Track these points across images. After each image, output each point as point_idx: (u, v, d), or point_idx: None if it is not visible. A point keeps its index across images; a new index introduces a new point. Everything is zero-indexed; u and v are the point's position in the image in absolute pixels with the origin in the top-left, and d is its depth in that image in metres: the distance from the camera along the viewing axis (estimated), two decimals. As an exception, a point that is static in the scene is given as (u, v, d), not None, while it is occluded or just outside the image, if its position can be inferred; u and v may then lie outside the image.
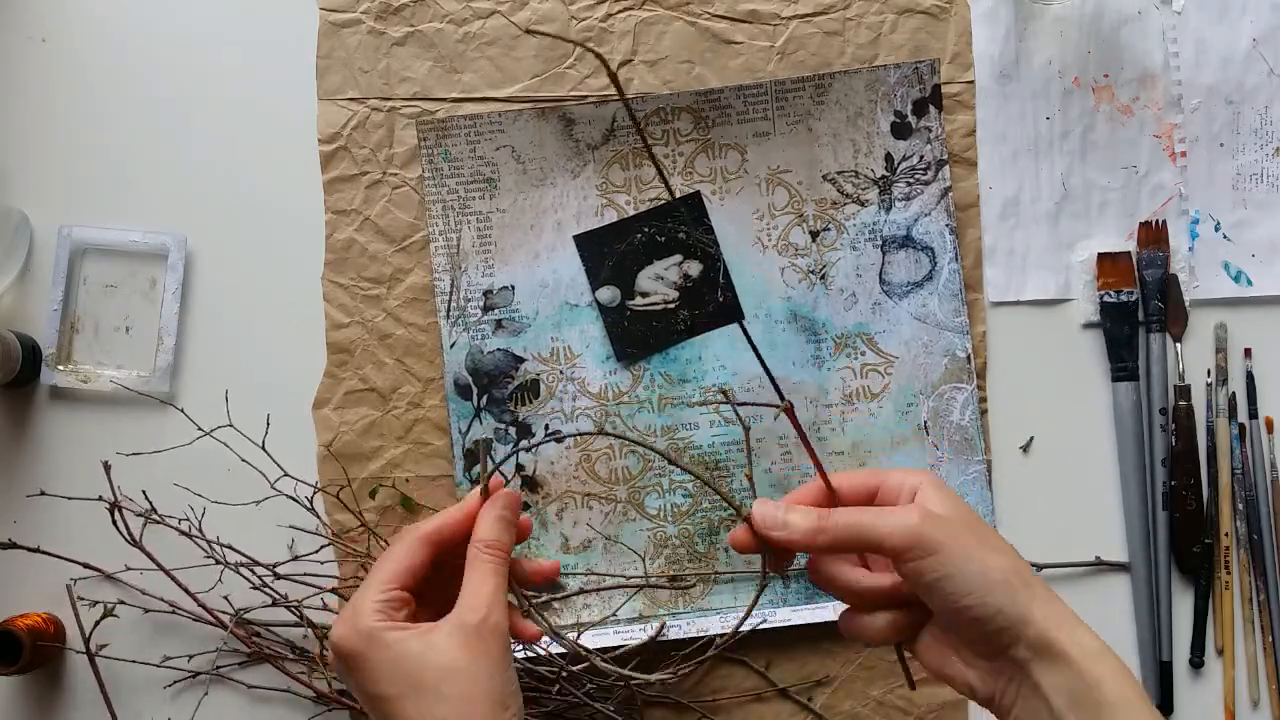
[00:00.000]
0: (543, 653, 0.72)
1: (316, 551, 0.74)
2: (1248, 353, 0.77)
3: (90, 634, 0.73)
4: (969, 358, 0.76)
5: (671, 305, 0.77)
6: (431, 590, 0.53)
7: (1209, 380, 0.77)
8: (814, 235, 0.77)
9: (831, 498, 0.53)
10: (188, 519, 0.75)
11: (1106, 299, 0.76)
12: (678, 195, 0.77)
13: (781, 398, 0.54)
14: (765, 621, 0.75)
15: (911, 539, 0.48)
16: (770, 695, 0.76)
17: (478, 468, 0.74)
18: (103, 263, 0.78)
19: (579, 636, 0.74)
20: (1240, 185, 0.77)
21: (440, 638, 0.49)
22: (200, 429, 0.75)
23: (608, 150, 0.77)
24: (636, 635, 0.74)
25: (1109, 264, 0.76)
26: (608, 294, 0.76)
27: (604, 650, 0.73)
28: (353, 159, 0.77)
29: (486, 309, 0.77)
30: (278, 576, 0.73)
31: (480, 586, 0.51)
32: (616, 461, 0.76)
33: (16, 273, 0.77)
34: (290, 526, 0.75)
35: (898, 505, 0.51)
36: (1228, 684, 0.75)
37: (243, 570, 0.73)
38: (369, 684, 0.49)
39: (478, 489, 0.53)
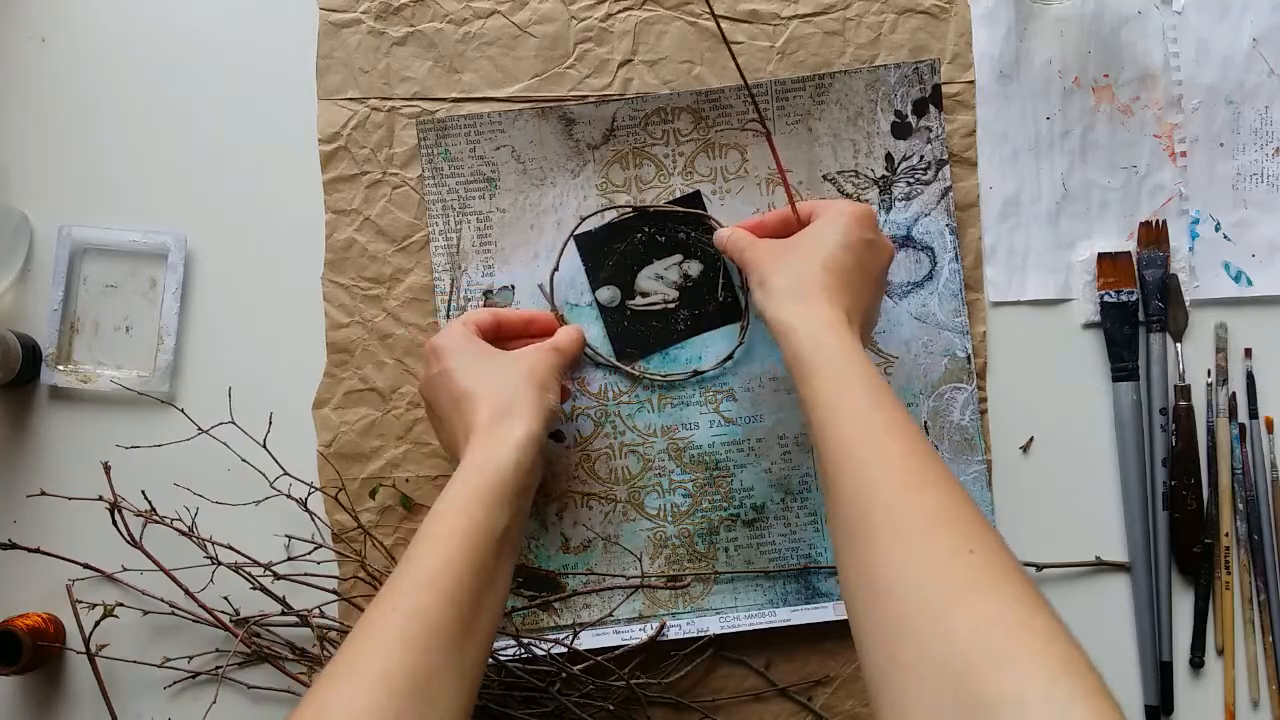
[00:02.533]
0: (542, 652, 0.72)
1: (311, 552, 0.74)
2: (1248, 353, 0.77)
3: (90, 634, 0.73)
4: (969, 358, 0.76)
5: (671, 305, 0.77)
6: None
7: (1209, 380, 0.77)
8: (814, 235, 0.77)
9: (796, 222, 0.71)
10: (187, 519, 0.75)
11: (1107, 299, 0.76)
12: (678, 195, 0.77)
13: (762, 123, 0.71)
14: (765, 622, 0.75)
15: (735, 259, 0.71)
16: (770, 695, 0.76)
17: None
18: (103, 262, 0.78)
19: (577, 637, 0.73)
20: (1240, 185, 0.77)
21: (519, 351, 0.71)
22: (199, 427, 0.75)
23: (608, 150, 0.77)
24: (636, 635, 0.74)
25: (1109, 264, 0.76)
26: (608, 294, 0.76)
27: (604, 650, 0.73)
28: (353, 159, 0.77)
29: (487, 309, 0.76)
30: (277, 577, 0.73)
31: (563, 343, 0.72)
32: (616, 461, 0.76)
33: (16, 273, 0.77)
34: (287, 536, 0.75)
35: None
36: (1228, 684, 0.75)
37: (240, 570, 0.73)
38: (453, 363, 0.67)
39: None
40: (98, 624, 0.72)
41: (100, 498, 0.73)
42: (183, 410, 0.76)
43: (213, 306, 0.78)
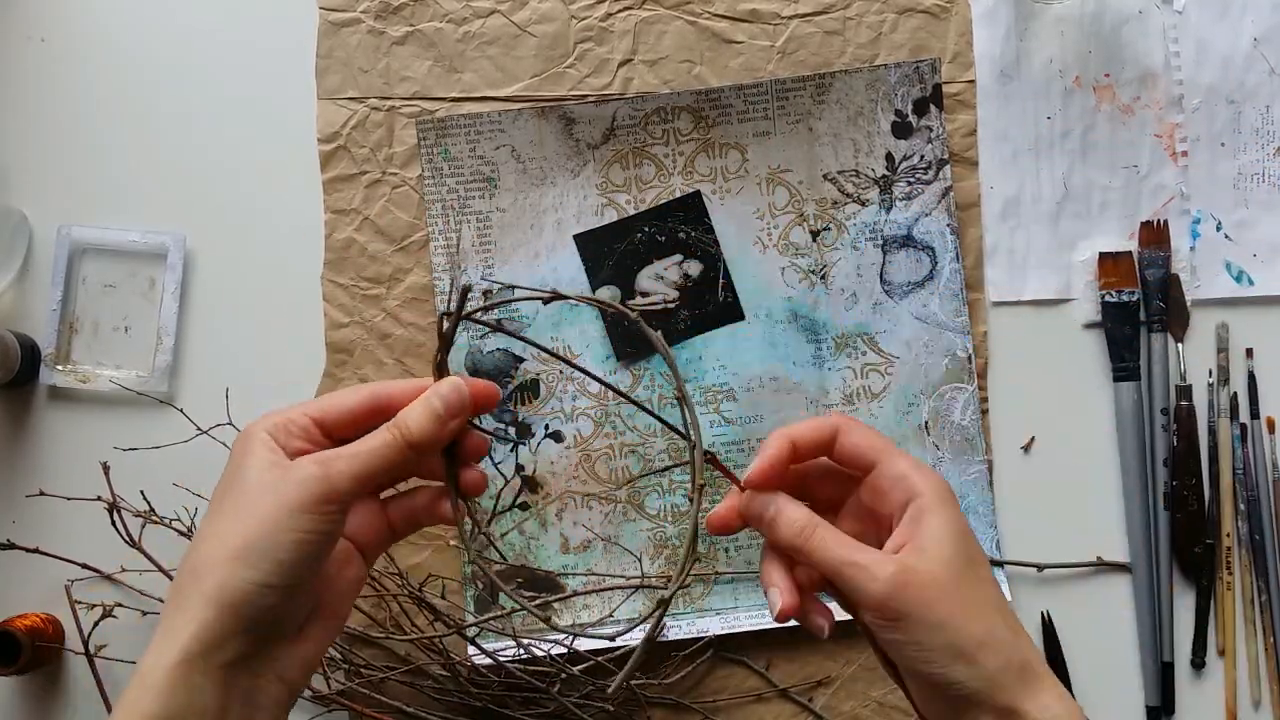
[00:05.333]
0: (542, 653, 0.72)
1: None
2: (1249, 353, 0.77)
3: (89, 635, 0.73)
4: (970, 358, 0.76)
5: (671, 305, 0.77)
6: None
7: (1210, 380, 0.77)
8: (814, 235, 0.77)
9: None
10: (186, 519, 0.75)
11: (1108, 299, 0.76)
12: (678, 195, 0.76)
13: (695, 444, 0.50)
14: (766, 622, 0.74)
15: (879, 601, 0.45)
16: (770, 696, 0.75)
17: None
18: (102, 262, 0.78)
19: (577, 637, 0.73)
20: (1241, 185, 0.77)
21: (291, 464, 0.45)
22: (199, 428, 0.75)
23: (608, 149, 0.77)
24: (636, 635, 0.74)
25: (1110, 264, 0.76)
26: (608, 294, 0.76)
27: (603, 651, 0.73)
28: (352, 158, 0.77)
29: (486, 309, 0.76)
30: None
31: (360, 447, 0.46)
32: (617, 461, 0.76)
33: (15, 272, 0.77)
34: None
35: (890, 530, 0.48)
36: (1229, 685, 0.75)
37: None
38: (221, 484, 0.46)
39: (438, 341, 0.48)
40: (96, 624, 0.72)
41: (99, 498, 0.73)
42: (182, 410, 0.76)
43: (212, 306, 0.78)
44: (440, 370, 0.48)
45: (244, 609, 0.43)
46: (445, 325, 0.47)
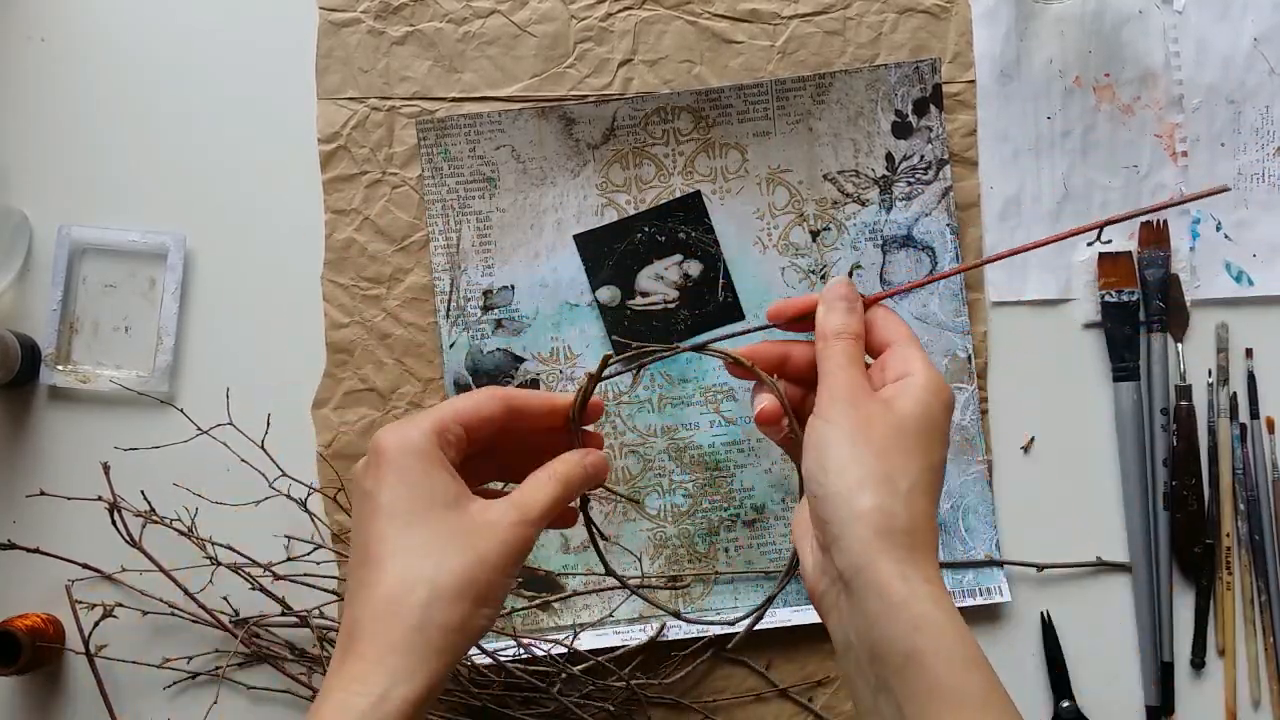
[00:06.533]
0: (541, 653, 0.72)
1: (310, 553, 0.74)
2: (1249, 353, 0.77)
3: (89, 635, 0.73)
4: (970, 358, 0.76)
5: (671, 305, 0.77)
6: (471, 466, 0.49)
7: (1210, 380, 0.77)
8: (814, 235, 0.77)
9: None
10: (186, 519, 0.75)
11: (1107, 299, 0.76)
12: (678, 195, 0.76)
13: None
14: (766, 622, 0.74)
15: (834, 385, 0.50)
16: (770, 695, 0.75)
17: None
18: (102, 262, 0.78)
19: (577, 637, 0.73)
20: (1241, 185, 0.77)
21: (484, 506, 0.46)
22: (199, 428, 0.75)
23: (608, 149, 0.77)
24: (636, 635, 0.74)
25: (1110, 264, 0.76)
26: (608, 293, 0.76)
27: (604, 651, 0.73)
28: (352, 158, 0.77)
29: (486, 308, 0.77)
30: (276, 577, 0.73)
31: (541, 501, 0.48)
32: (617, 461, 0.76)
33: (16, 272, 0.77)
34: (286, 536, 0.75)
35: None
36: (1229, 685, 0.75)
37: (240, 571, 0.73)
38: (376, 496, 0.45)
39: (578, 392, 0.51)
40: (97, 624, 0.72)
41: (100, 498, 0.73)
42: (182, 410, 0.76)
43: (212, 306, 0.78)
44: (577, 420, 0.52)
45: (462, 652, 0.43)
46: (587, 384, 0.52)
